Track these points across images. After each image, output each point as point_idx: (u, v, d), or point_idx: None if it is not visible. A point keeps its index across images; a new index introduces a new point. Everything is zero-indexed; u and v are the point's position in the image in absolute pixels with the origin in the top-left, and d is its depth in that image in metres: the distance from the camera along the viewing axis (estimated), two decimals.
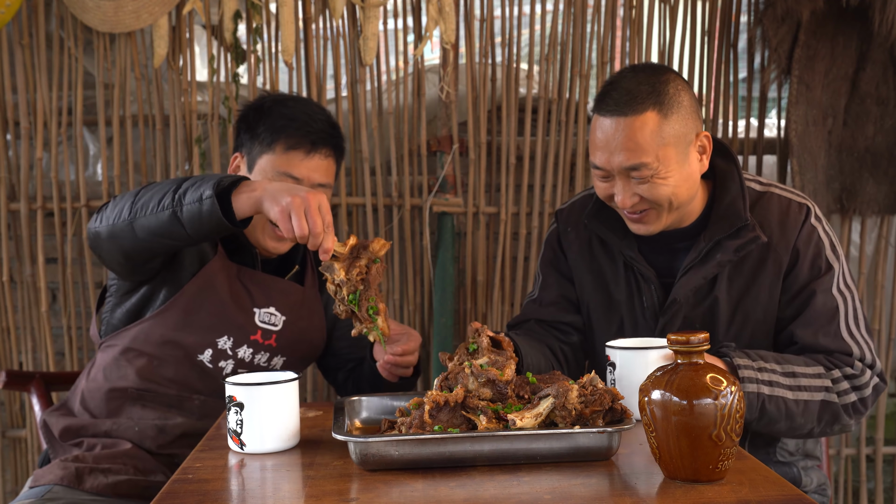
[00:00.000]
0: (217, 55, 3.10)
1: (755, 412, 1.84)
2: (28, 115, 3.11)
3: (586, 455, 1.53)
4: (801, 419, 1.88)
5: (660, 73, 1.93)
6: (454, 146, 3.15)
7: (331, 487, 1.46)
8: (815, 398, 1.88)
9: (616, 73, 1.99)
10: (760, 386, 1.83)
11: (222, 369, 2.17)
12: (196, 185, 1.86)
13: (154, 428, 2.14)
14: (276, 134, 2.16)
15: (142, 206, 1.93)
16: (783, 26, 2.99)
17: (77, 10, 2.95)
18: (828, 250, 1.98)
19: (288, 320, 2.22)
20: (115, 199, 2.02)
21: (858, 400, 1.92)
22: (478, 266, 3.21)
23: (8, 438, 3.31)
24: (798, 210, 1.99)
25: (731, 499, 1.35)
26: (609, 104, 1.91)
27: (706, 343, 1.43)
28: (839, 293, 1.97)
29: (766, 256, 1.98)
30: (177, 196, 1.87)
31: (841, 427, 1.94)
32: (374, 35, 3.04)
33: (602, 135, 1.91)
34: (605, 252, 2.13)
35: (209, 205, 1.82)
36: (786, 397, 1.85)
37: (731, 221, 1.97)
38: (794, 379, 1.87)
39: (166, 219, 1.89)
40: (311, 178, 2.17)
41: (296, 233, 1.78)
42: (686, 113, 1.91)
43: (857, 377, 1.93)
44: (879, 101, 3.04)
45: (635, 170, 1.90)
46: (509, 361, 1.68)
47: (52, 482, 2.04)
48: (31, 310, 3.20)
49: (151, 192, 1.94)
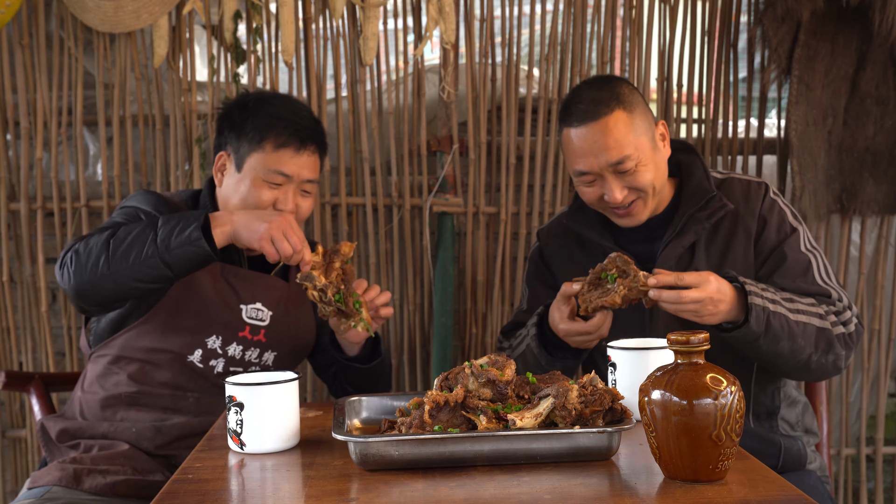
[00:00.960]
0: (217, 55, 3.10)
1: (762, 325, 1.94)
2: (28, 115, 3.11)
3: (586, 455, 1.53)
4: (801, 340, 1.99)
5: (611, 80, 2.15)
6: (454, 146, 3.15)
7: (331, 487, 1.46)
8: (812, 322, 2.02)
9: (571, 90, 2.20)
10: (765, 301, 1.95)
11: (213, 367, 2.18)
12: (176, 228, 1.97)
13: (151, 429, 2.14)
14: (264, 132, 2.18)
15: (121, 257, 1.99)
16: (783, 26, 2.99)
17: (77, 10, 2.95)
18: (790, 217, 2.17)
19: (275, 315, 2.23)
20: (77, 251, 2.04)
21: (846, 334, 2.06)
22: (478, 266, 3.21)
23: (8, 438, 3.31)
24: (758, 187, 2.18)
25: (731, 499, 1.35)
26: (578, 115, 2.10)
27: (706, 343, 1.43)
28: (807, 251, 2.13)
29: (735, 225, 2.14)
30: (160, 243, 1.96)
31: (835, 357, 2.04)
32: (374, 35, 3.04)
33: (581, 142, 2.09)
34: (586, 253, 2.24)
35: (200, 246, 1.96)
36: (787, 316, 1.98)
37: (700, 196, 2.15)
38: (792, 303, 2.02)
39: (153, 266, 1.99)
40: (300, 175, 2.19)
41: (282, 255, 2.00)
42: (643, 107, 2.12)
43: (840, 313, 2.08)
44: (879, 101, 3.04)
45: (620, 164, 2.06)
46: (509, 361, 1.68)
47: (50, 483, 2.04)
48: (31, 310, 3.20)
49: (124, 242, 1.99)
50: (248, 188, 2.17)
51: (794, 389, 2.21)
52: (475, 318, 3.23)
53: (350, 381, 2.33)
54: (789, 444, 2.12)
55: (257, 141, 2.18)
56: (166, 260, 1.98)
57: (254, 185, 2.17)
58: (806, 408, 2.23)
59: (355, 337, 2.16)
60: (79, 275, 2.03)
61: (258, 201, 2.16)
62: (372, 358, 2.28)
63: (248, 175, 2.18)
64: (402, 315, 3.23)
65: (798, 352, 2.00)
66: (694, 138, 3.28)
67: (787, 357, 2.00)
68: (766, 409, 2.15)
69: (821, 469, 2.18)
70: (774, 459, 2.08)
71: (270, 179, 2.16)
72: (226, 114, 2.26)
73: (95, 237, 2.04)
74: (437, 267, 3.13)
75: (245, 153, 2.19)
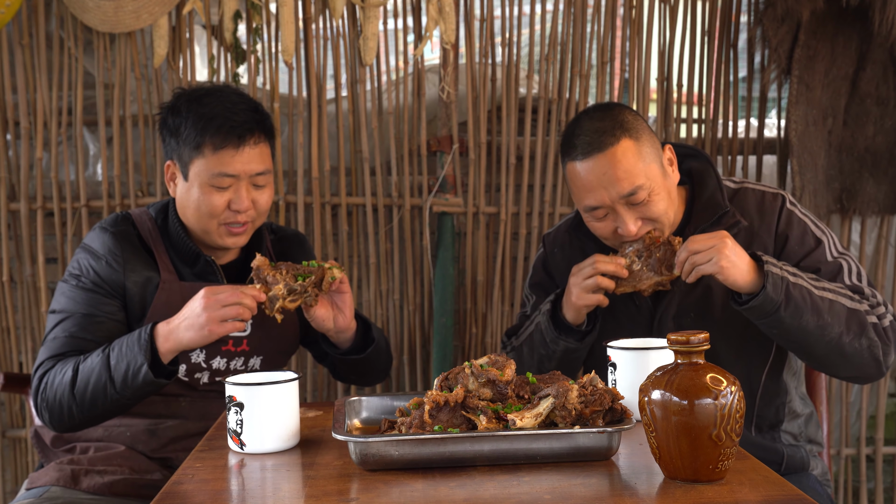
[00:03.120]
0: (217, 55, 3.10)
1: (780, 294, 1.88)
2: (28, 115, 3.11)
3: (586, 455, 1.53)
4: (828, 316, 1.91)
5: (612, 107, 2.06)
6: (454, 146, 3.15)
7: (331, 487, 1.46)
8: (841, 301, 1.93)
9: (571, 121, 2.10)
10: (784, 272, 1.89)
11: (199, 380, 2.17)
12: (128, 373, 1.97)
13: (146, 432, 2.14)
14: (200, 136, 2.09)
15: (90, 406, 2.02)
16: (783, 26, 2.99)
17: (77, 10, 2.95)
18: (812, 227, 2.07)
19: (255, 322, 2.18)
20: (47, 398, 2.04)
21: (881, 325, 1.97)
22: (478, 266, 3.21)
23: (8, 438, 3.31)
24: (773, 199, 2.09)
25: (731, 499, 1.35)
26: (583, 147, 2.00)
27: (706, 343, 1.43)
28: (836, 258, 2.05)
29: (750, 241, 2.06)
30: (119, 390, 1.98)
31: (870, 343, 1.95)
32: (374, 35, 3.04)
33: (589, 175, 2.00)
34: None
35: (157, 384, 1.98)
36: (811, 290, 1.91)
37: (712, 211, 2.07)
38: (817, 281, 1.94)
39: (122, 405, 2.03)
40: (247, 171, 2.10)
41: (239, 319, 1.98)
42: (649, 133, 2.04)
43: (874, 306, 1.99)
44: (879, 101, 3.04)
45: (633, 195, 1.98)
46: (509, 361, 1.68)
47: (48, 483, 2.04)
48: (31, 310, 3.20)
49: (87, 392, 2.00)
50: (198, 196, 2.10)
51: (799, 403, 2.15)
52: (475, 318, 3.23)
53: (349, 372, 2.31)
54: (792, 451, 2.09)
55: (195, 146, 2.09)
56: (132, 400, 2.02)
57: (203, 193, 2.10)
58: (810, 419, 2.17)
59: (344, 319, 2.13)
60: (57, 424, 2.07)
61: (211, 207, 2.10)
62: (365, 346, 2.25)
63: (195, 182, 2.11)
64: (402, 315, 3.23)
65: (826, 329, 1.91)
66: (694, 138, 3.28)
67: (815, 336, 1.92)
68: (769, 423, 2.10)
69: (822, 474, 2.16)
70: (777, 466, 2.05)
71: (217, 183, 2.09)
72: (162, 120, 2.18)
73: (59, 378, 2.03)
74: (437, 267, 3.13)
75: (187, 160, 2.11)
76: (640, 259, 1.97)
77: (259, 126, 2.13)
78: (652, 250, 1.97)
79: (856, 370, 2.00)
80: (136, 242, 2.16)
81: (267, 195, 2.15)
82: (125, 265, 2.12)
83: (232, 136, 2.08)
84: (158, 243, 2.17)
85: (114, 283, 2.11)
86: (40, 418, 2.09)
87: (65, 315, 2.10)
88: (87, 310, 2.09)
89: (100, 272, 2.12)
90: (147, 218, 2.21)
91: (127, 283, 2.12)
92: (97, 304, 2.10)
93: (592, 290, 2.01)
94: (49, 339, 2.10)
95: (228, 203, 2.10)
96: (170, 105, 2.17)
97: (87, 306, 2.10)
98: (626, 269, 1.98)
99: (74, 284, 2.12)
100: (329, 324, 2.12)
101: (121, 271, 2.12)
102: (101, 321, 2.09)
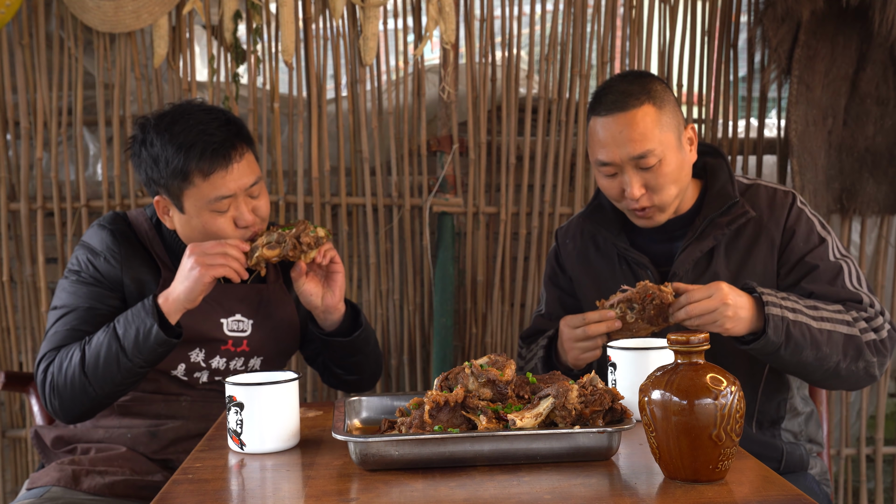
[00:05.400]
0: (217, 55, 3.10)
1: (781, 335, 1.91)
2: (28, 115, 3.11)
3: (586, 455, 1.53)
4: (826, 348, 1.95)
5: (645, 76, 2.11)
6: (454, 146, 3.15)
7: (331, 487, 1.46)
8: (839, 330, 1.98)
9: (605, 81, 2.16)
10: (784, 311, 1.92)
11: (198, 379, 2.17)
12: (139, 337, 1.99)
13: (146, 434, 2.14)
14: (184, 167, 2.04)
15: (102, 381, 2.03)
16: (783, 26, 2.99)
17: (77, 10, 2.95)
18: (818, 227, 2.12)
19: (256, 322, 2.19)
20: (55, 385, 2.05)
21: (878, 340, 2.01)
22: (478, 266, 3.21)
23: (8, 438, 3.31)
24: (784, 196, 2.14)
25: (731, 499, 1.35)
26: (607, 104, 2.06)
27: (706, 343, 1.43)
28: (837, 259, 2.09)
29: (759, 233, 2.11)
30: (131, 357, 2.00)
31: (866, 365, 2.00)
32: (374, 35, 3.04)
33: (606, 132, 2.05)
34: (601, 255, 2.23)
35: (168, 344, 2.00)
36: (810, 325, 1.94)
37: (722, 200, 2.12)
38: (816, 311, 1.98)
39: (137, 374, 2.04)
40: (241, 185, 2.08)
41: (232, 258, 2.03)
42: (674, 106, 2.09)
43: (871, 319, 2.03)
44: (879, 101, 3.04)
45: (643, 158, 2.02)
46: (509, 361, 1.68)
47: (49, 483, 2.04)
48: (31, 310, 3.20)
49: (98, 367, 2.01)
50: (202, 223, 2.08)
51: (800, 401, 2.18)
52: (475, 318, 3.23)
53: (336, 360, 2.29)
54: (791, 448, 2.11)
55: (183, 178, 2.04)
56: (144, 366, 2.03)
57: (205, 220, 2.08)
58: (811, 417, 2.20)
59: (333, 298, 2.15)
60: (69, 410, 2.07)
61: (220, 230, 2.08)
62: (353, 330, 2.24)
63: (194, 212, 2.08)
64: (402, 315, 3.23)
65: (824, 360, 1.96)
66: None
67: (813, 366, 1.97)
68: (770, 419, 2.13)
69: (821, 474, 2.17)
70: (776, 463, 2.07)
71: (216, 208, 2.06)
72: (134, 156, 2.13)
73: (66, 362, 2.03)
74: (437, 267, 3.13)
75: (178, 192, 2.07)
76: (632, 312, 1.96)
77: (238, 137, 2.09)
78: (646, 306, 1.94)
79: (850, 386, 2.08)
80: (134, 241, 2.17)
81: (264, 201, 2.15)
82: (123, 262, 2.13)
83: (217, 157, 2.05)
84: (156, 243, 2.18)
85: (113, 279, 2.12)
86: (50, 409, 2.08)
87: (66, 310, 2.11)
88: (89, 303, 2.10)
89: (99, 268, 2.12)
90: (144, 219, 2.22)
91: (125, 279, 2.12)
92: (99, 298, 2.11)
93: (589, 351, 2.02)
94: (50, 333, 2.11)
95: (234, 222, 2.10)
96: (139, 139, 2.11)
97: (89, 300, 2.11)
98: (620, 319, 1.97)
99: (74, 280, 2.13)
100: (317, 300, 2.14)
101: (119, 268, 2.12)
102: (104, 314, 2.10)
